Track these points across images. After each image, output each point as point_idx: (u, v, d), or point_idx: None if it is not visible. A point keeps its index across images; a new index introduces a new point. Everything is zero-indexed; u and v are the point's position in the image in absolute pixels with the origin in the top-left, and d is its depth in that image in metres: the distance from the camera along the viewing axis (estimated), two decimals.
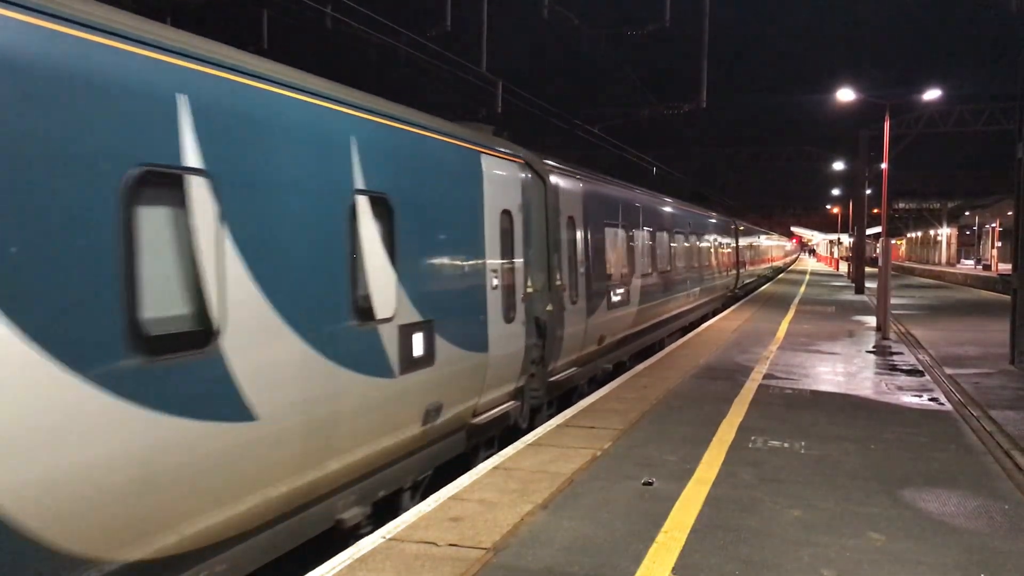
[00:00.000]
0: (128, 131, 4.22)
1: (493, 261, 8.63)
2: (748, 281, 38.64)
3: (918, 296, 34.90)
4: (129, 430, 4.11)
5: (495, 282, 8.62)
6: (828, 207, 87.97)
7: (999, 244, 57.43)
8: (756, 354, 15.00)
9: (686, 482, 6.89)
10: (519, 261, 9.47)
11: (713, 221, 28.16)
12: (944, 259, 77.35)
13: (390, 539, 5.56)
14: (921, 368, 13.68)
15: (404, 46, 14.83)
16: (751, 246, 41.91)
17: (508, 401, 9.25)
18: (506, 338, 8.89)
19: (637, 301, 15.47)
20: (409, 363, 6.72)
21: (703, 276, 24.07)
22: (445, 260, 7.67)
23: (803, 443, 8.31)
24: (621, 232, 14.61)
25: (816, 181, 64.30)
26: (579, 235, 11.97)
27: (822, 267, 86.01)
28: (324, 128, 5.87)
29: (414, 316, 6.84)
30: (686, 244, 21.68)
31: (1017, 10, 14.10)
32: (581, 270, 11.94)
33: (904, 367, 13.79)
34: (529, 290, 9.72)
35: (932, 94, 32.49)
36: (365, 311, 6.19)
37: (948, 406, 10.46)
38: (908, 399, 10.91)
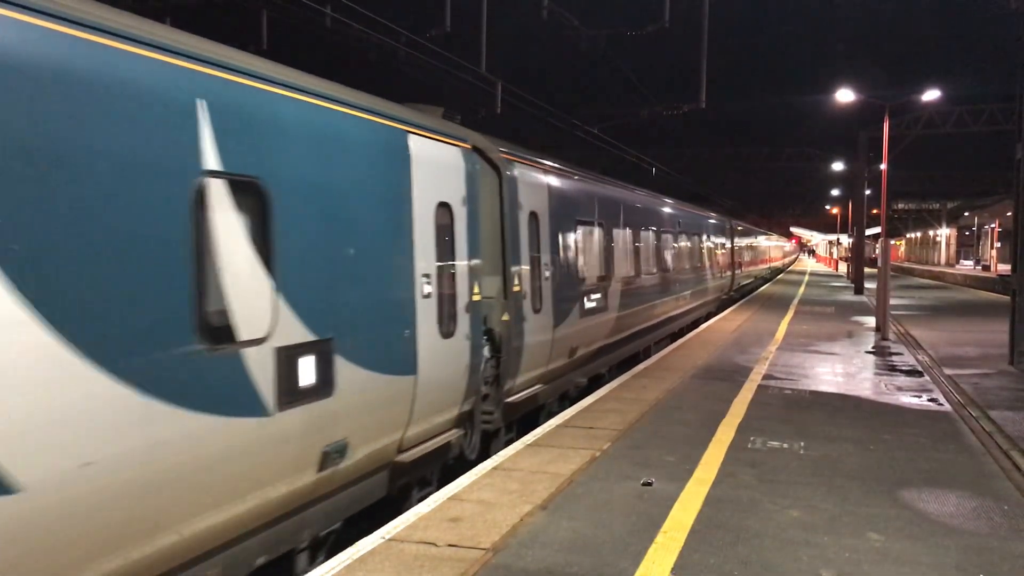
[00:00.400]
0: None
1: (424, 263, 7.17)
2: (745, 283, 37.88)
3: (917, 297, 34.92)
4: None
5: (427, 289, 7.19)
6: (827, 208, 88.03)
7: (998, 245, 57.46)
8: (755, 354, 15.00)
9: (685, 482, 6.89)
10: (462, 264, 7.97)
11: (707, 220, 26.87)
12: (943, 260, 77.39)
13: (389, 539, 5.56)
14: (920, 369, 13.68)
15: (403, 47, 14.83)
16: (749, 247, 41.17)
17: (451, 429, 7.94)
18: (443, 356, 7.50)
19: (616, 307, 14.09)
20: (293, 395, 5.30)
21: (694, 279, 22.77)
22: (351, 263, 6.12)
23: (802, 443, 8.32)
24: (598, 231, 13.28)
25: (815, 182, 64.35)
26: (544, 234, 10.58)
27: (821, 267, 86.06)
28: (144, 86, 4.35)
29: (301, 335, 5.42)
30: (675, 244, 20.25)
31: (1016, 10, 14.12)
32: (546, 274, 10.56)
33: (903, 368, 13.79)
34: (476, 298, 8.25)
35: (931, 95, 32.53)
36: (219, 331, 4.74)
37: (947, 406, 10.47)
38: (907, 400, 10.91)
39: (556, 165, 11.97)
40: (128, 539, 4.24)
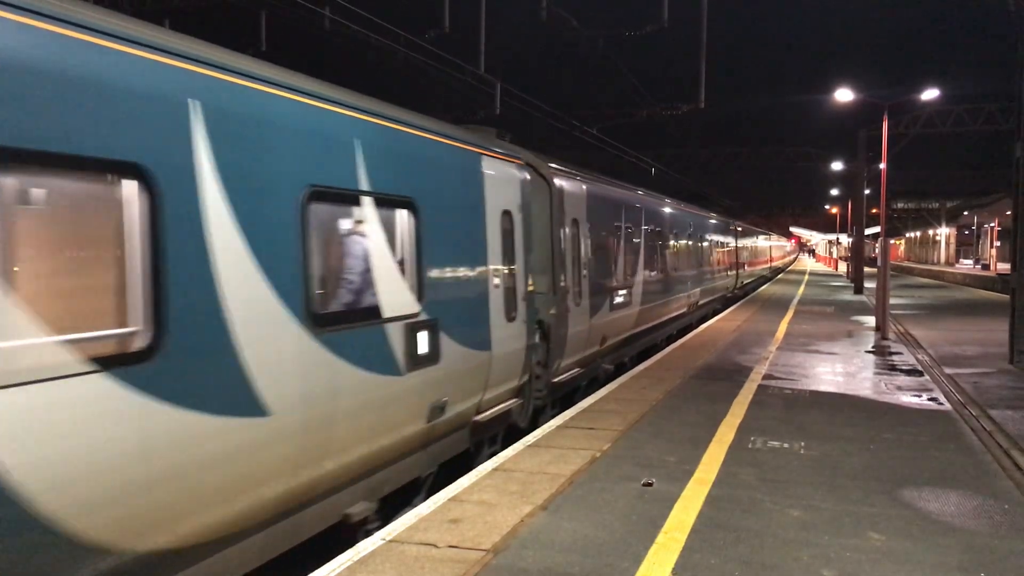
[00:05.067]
0: None
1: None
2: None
3: (917, 296, 34.91)
4: None
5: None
6: (827, 207, 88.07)
7: (998, 244, 57.49)
8: (755, 354, 15.00)
9: (686, 483, 6.89)
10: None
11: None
12: (943, 259, 77.37)
13: (390, 541, 5.56)
14: (920, 368, 13.68)
15: (402, 48, 14.83)
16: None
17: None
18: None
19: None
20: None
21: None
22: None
23: (803, 443, 8.32)
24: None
25: (815, 181, 64.57)
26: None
27: (821, 267, 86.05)
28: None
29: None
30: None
31: (1015, 9, 14.11)
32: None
33: (903, 367, 13.79)
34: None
35: (930, 94, 32.56)
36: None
37: (947, 406, 10.46)
38: (907, 399, 10.91)
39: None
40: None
